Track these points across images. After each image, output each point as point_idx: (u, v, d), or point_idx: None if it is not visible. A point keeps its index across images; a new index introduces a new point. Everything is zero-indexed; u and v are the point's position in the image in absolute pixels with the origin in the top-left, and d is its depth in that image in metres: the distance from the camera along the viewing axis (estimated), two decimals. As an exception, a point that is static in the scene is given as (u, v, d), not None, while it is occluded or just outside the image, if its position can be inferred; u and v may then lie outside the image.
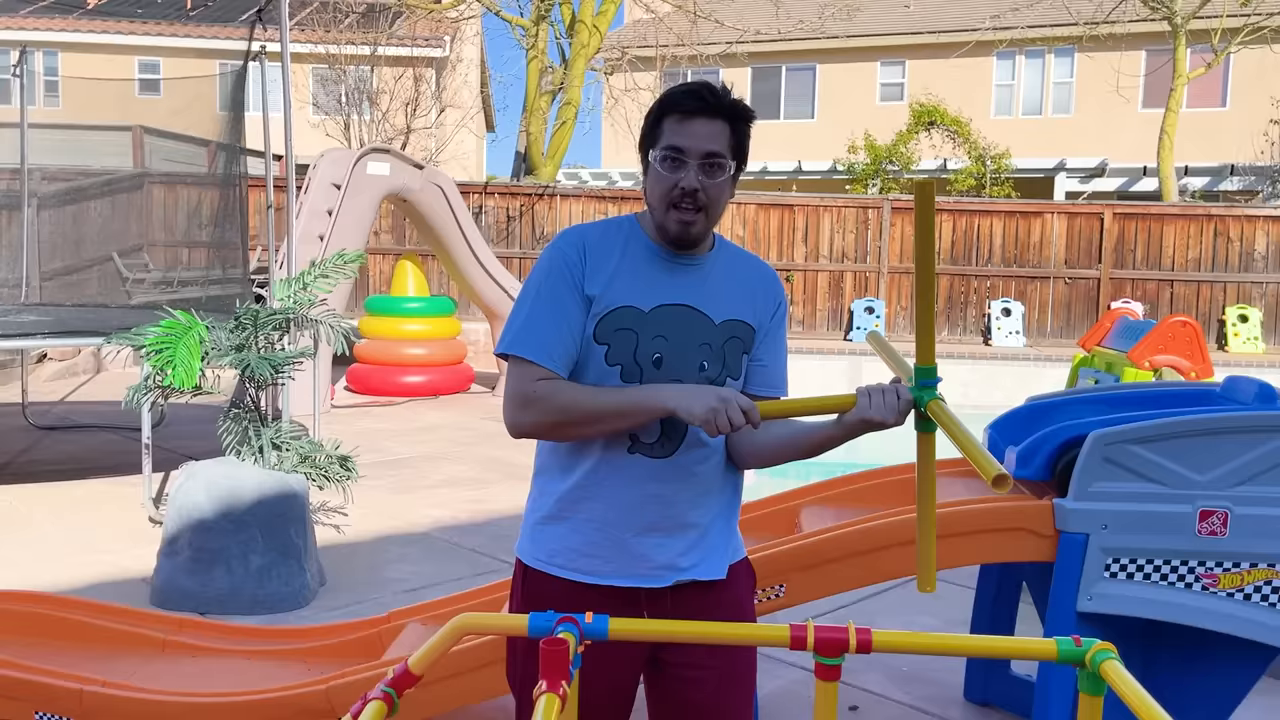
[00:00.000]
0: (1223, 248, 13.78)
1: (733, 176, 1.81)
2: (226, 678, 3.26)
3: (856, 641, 1.69)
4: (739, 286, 1.89)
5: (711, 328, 1.83)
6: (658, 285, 1.82)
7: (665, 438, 1.82)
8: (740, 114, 1.81)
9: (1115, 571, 2.79)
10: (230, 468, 4.27)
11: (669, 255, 1.85)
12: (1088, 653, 1.66)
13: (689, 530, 1.87)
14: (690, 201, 1.77)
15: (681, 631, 1.72)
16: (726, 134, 1.79)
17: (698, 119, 1.76)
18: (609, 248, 1.84)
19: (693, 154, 1.76)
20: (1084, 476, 2.77)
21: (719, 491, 1.92)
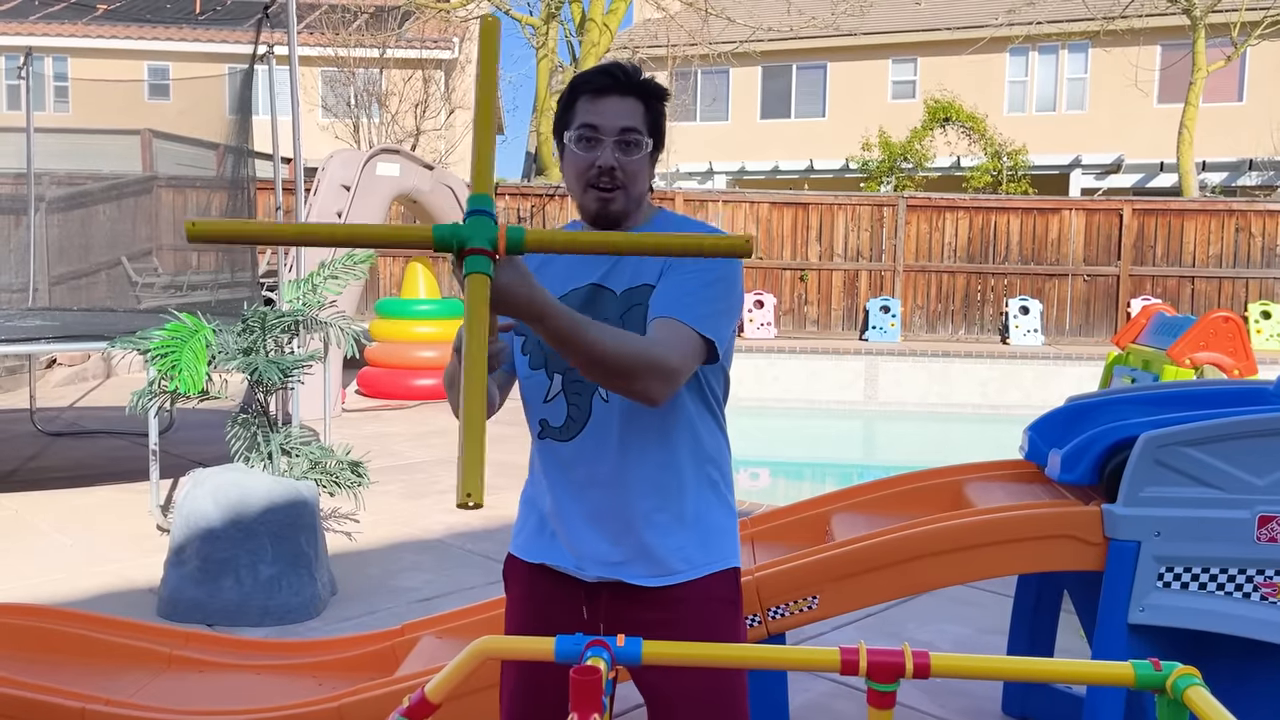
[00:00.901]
0: (1244, 243, 13.57)
1: (651, 155, 1.76)
2: (234, 694, 3.13)
3: (914, 666, 1.55)
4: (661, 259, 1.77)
5: (613, 300, 1.75)
6: (574, 270, 1.79)
7: (570, 420, 1.77)
8: (653, 92, 1.76)
9: (1169, 581, 2.64)
10: (238, 475, 4.14)
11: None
12: (1169, 677, 1.52)
13: (615, 522, 1.76)
14: (608, 179, 1.72)
15: (721, 656, 1.59)
16: (641, 112, 1.74)
17: (610, 96, 1.72)
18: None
19: (607, 131, 1.71)
20: (1135, 480, 2.62)
21: (665, 482, 1.75)
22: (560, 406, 1.77)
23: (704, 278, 1.72)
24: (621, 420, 1.73)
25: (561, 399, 1.77)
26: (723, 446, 1.86)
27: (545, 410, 1.79)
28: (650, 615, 1.76)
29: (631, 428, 1.74)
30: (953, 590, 4.48)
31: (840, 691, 3.48)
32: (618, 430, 1.73)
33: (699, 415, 1.79)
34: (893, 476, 3.34)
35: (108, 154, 12.60)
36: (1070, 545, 2.69)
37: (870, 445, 11.61)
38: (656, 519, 1.77)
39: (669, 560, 1.77)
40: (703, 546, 1.80)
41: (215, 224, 1.30)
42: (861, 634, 3.97)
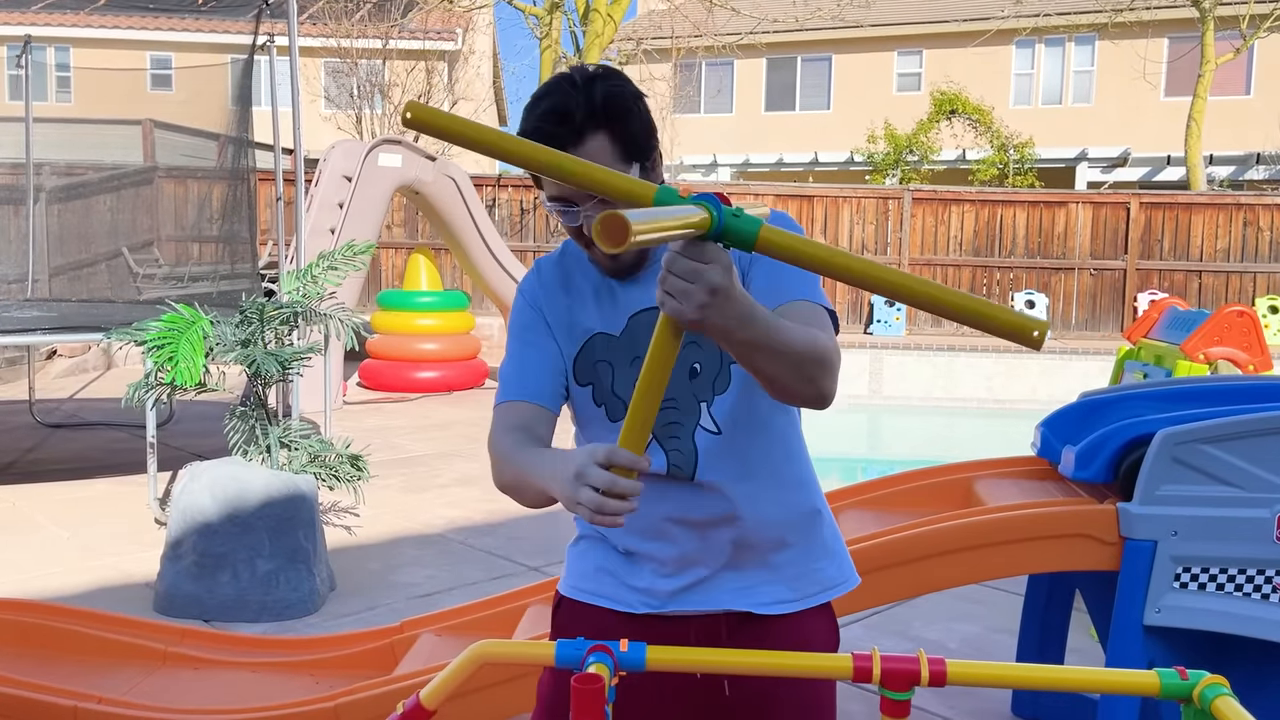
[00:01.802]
0: (1252, 237, 13.47)
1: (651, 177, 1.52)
2: (229, 692, 3.08)
3: (930, 673, 1.48)
4: None
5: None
6: (619, 300, 1.57)
7: (675, 468, 1.57)
8: (614, 114, 1.46)
9: (1185, 582, 2.58)
10: (236, 468, 4.09)
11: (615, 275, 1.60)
12: (1196, 687, 1.46)
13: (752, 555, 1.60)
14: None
15: (729, 662, 1.52)
16: (607, 147, 1.45)
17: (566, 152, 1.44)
18: (559, 276, 1.62)
19: (580, 197, 1.46)
20: (1151, 479, 2.56)
21: (775, 503, 1.61)
22: (657, 455, 1.56)
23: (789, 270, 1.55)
24: (735, 444, 1.56)
25: (655, 447, 1.56)
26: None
27: None
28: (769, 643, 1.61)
29: (743, 448, 1.57)
30: (960, 588, 4.42)
31: (849, 692, 3.42)
32: (733, 455, 1.57)
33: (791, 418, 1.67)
34: (902, 473, 3.28)
35: (109, 145, 12.54)
36: (1085, 545, 2.63)
37: (875, 439, 11.54)
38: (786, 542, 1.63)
39: (788, 584, 1.64)
40: (819, 567, 1.67)
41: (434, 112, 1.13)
42: (867, 633, 3.91)
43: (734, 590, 1.61)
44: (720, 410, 1.56)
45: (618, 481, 1.22)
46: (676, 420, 1.55)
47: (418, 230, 13.55)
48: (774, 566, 1.62)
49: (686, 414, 1.55)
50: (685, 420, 1.55)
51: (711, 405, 1.56)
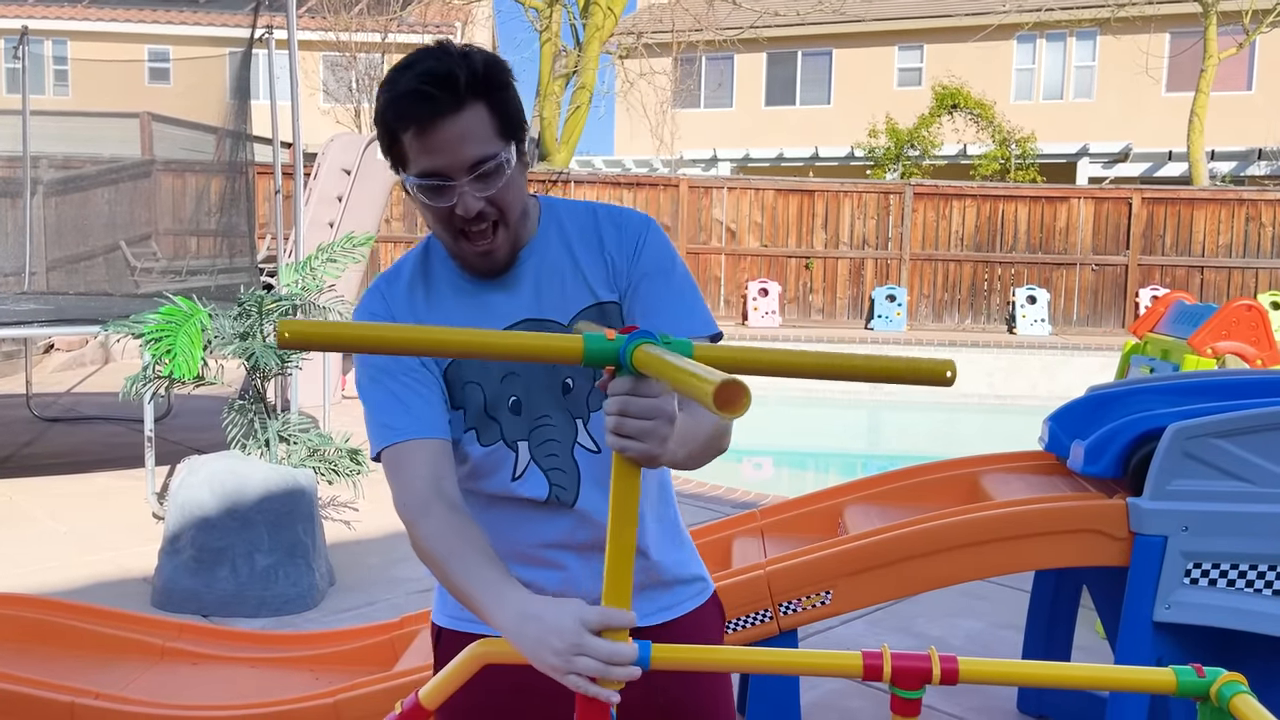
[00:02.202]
0: (1255, 233, 13.42)
1: (520, 163, 1.40)
2: (228, 687, 3.05)
3: (941, 671, 1.45)
4: (578, 264, 1.48)
5: (561, 332, 1.45)
6: (484, 313, 1.45)
7: (558, 488, 1.48)
8: (493, 83, 1.35)
9: (1196, 578, 2.54)
10: (234, 462, 4.05)
11: (483, 278, 1.47)
12: (1214, 684, 1.43)
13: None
14: (478, 222, 1.37)
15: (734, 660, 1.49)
16: (485, 118, 1.34)
17: (441, 123, 1.32)
18: (413, 292, 1.48)
19: (455, 170, 1.34)
20: (1162, 473, 2.52)
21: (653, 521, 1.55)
22: (536, 479, 1.46)
23: (679, 273, 1.49)
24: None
25: (535, 470, 1.46)
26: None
27: (516, 488, 1.46)
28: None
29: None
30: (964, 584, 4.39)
31: (852, 689, 3.39)
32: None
33: None
34: (907, 468, 3.24)
35: (107, 138, 12.48)
36: (1094, 540, 2.59)
37: (875, 435, 11.51)
38: (670, 556, 1.58)
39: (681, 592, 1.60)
40: (686, 565, 1.62)
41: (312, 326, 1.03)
42: (871, 629, 3.88)
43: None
44: (597, 427, 1.47)
45: (620, 650, 1.15)
46: (554, 438, 1.46)
47: (416, 224, 13.51)
48: (653, 578, 1.56)
49: (564, 432, 1.47)
50: (563, 439, 1.47)
51: (588, 422, 1.47)
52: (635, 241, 1.49)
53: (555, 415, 1.46)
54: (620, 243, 1.49)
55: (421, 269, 1.50)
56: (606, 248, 1.49)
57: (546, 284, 1.46)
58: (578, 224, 1.50)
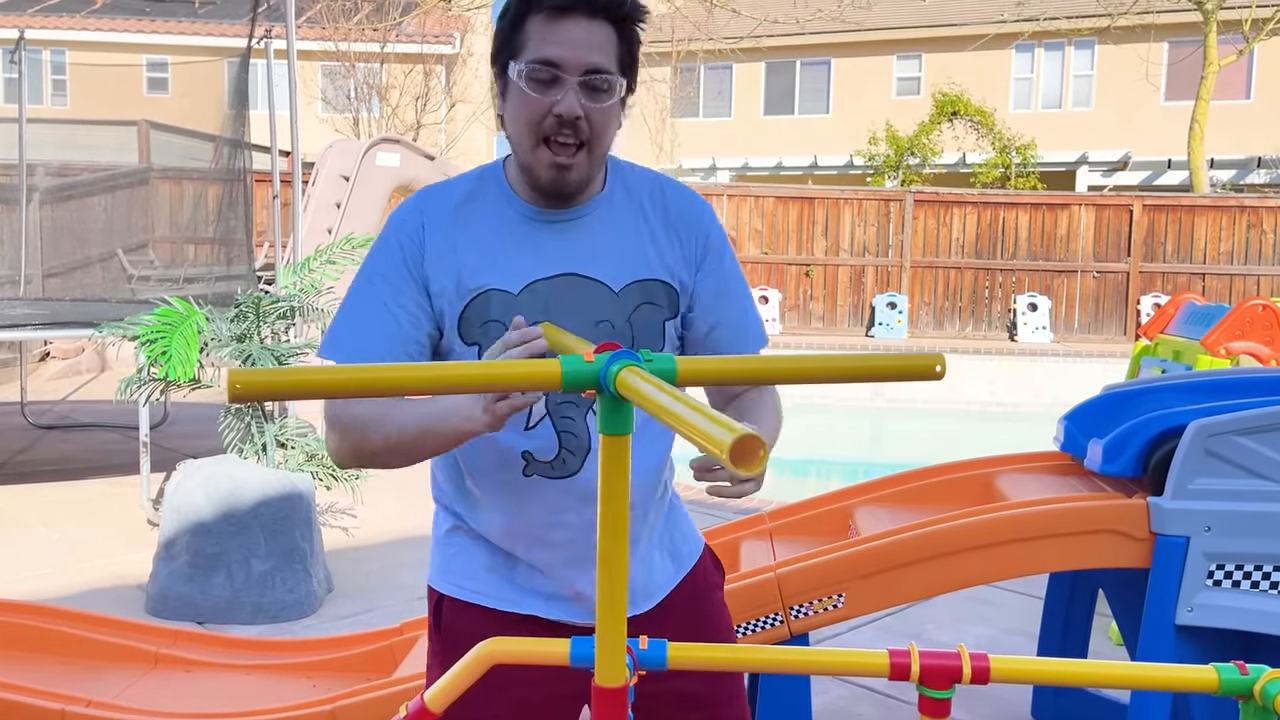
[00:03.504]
0: (1256, 239, 13.39)
1: (622, 100, 1.38)
2: (223, 695, 2.97)
3: (972, 670, 1.39)
4: (645, 234, 1.43)
5: (609, 299, 1.40)
6: (529, 253, 1.39)
7: (566, 451, 1.43)
8: (629, 12, 1.35)
9: (1219, 579, 2.47)
10: (231, 466, 3.98)
11: (542, 212, 1.41)
12: (1258, 682, 1.37)
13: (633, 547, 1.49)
14: (570, 133, 1.33)
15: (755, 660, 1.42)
16: (613, 41, 1.34)
17: (574, 18, 1.31)
18: (458, 212, 1.42)
19: (571, 68, 1.31)
20: (1184, 472, 2.46)
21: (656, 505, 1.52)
22: (547, 435, 1.41)
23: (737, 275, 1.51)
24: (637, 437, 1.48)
25: (548, 425, 1.41)
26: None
27: (525, 441, 1.41)
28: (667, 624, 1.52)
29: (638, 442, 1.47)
30: (973, 589, 4.32)
31: (860, 695, 3.31)
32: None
33: None
34: (919, 469, 3.18)
35: (104, 145, 12.44)
36: (1114, 541, 2.52)
37: (877, 443, 11.45)
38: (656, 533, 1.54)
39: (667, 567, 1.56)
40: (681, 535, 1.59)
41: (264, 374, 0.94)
42: (880, 635, 3.80)
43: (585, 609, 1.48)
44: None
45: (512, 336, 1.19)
46: (571, 400, 1.42)
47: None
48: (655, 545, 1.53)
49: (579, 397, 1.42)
50: (580, 402, 1.42)
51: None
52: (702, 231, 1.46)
53: None
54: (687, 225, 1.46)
55: (471, 193, 1.44)
56: (670, 224, 1.45)
57: (607, 244, 1.41)
58: (647, 189, 1.46)
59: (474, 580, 1.49)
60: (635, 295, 1.41)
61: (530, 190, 1.40)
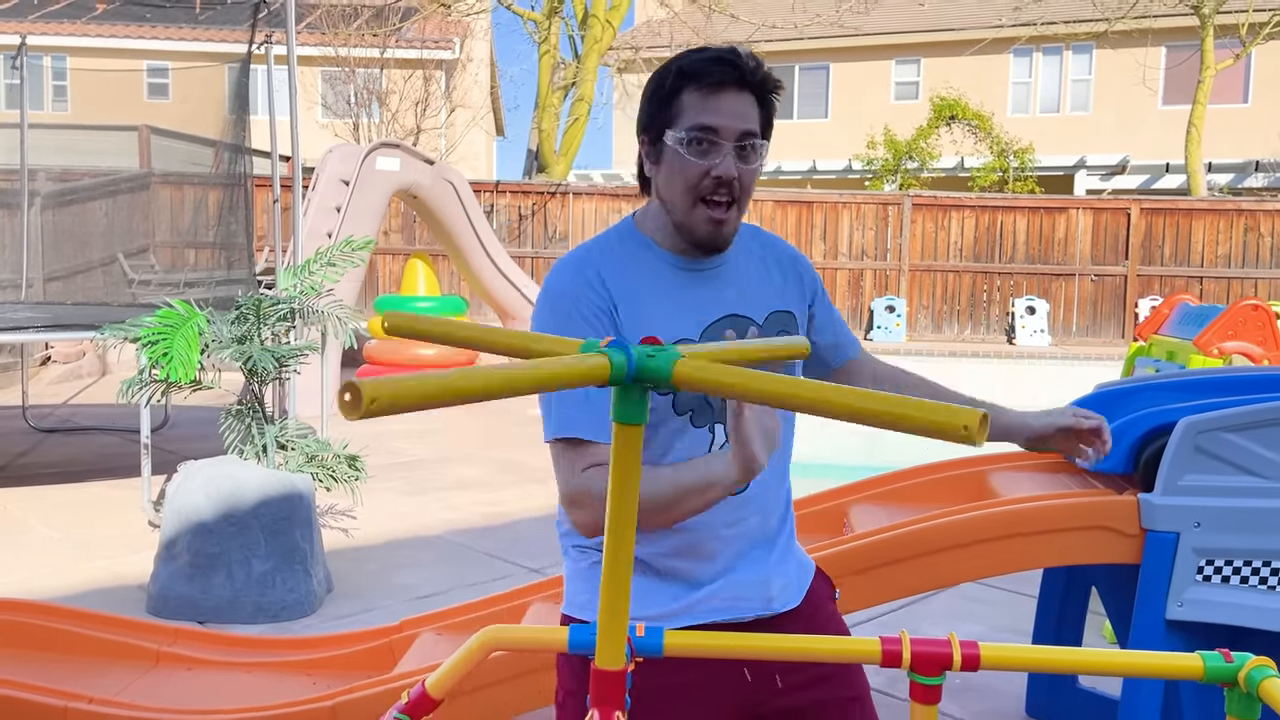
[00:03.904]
0: (1253, 243, 13.43)
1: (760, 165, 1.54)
2: (223, 692, 3.00)
3: (962, 657, 1.42)
4: (769, 273, 1.64)
5: (758, 329, 1.59)
6: (695, 302, 1.53)
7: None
8: (771, 86, 1.51)
9: (1209, 574, 2.50)
10: (232, 467, 4.01)
11: (693, 265, 1.55)
12: (1242, 669, 1.40)
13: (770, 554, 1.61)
14: (726, 193, 1.47)
15: (753, 647, 1.45)
16: (757, 110, 1.49)
17: (728, 92, 1.45)
18: (627, 269, 1.51)
19: (727, 134, 1.45)
20: (1174, 468, 2.49)
21: (786, 503, 1.67)
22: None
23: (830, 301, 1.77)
24: (780, 452, 1.62)
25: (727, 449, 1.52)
26: None
27: None
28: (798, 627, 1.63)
29: (782, 456, 1.64)
30: (965, 588, 4.34)
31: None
32: (778, 461, 1.62)
33: None
34: (913, 468, 3.21)
35: (105, 150, 12.48)
36: (1104, 537, 2.55)
37: (874, 445, 11.46)
38: (788, 537, 1.68)
39: (800, 575, 1.68)
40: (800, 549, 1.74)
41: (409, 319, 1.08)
42: (874, 630, 3.83)
43: (759, 600, 1.59)
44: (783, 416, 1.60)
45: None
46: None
47: (415, 236, 13.50)
48: (784, 569, 1.63)
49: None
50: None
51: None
52: (812, 276, 1.72)
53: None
54: (799, 272, 1.69)
55: (631, 245, 1.55)
56: (787, 270, 1.67)
57: (747, 286, 1.59)
58: (757, 240, 1.67)
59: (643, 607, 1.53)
60: (774, 325, 1.61)
61: (680, 244, 1.54)
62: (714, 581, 1.55)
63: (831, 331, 1.74)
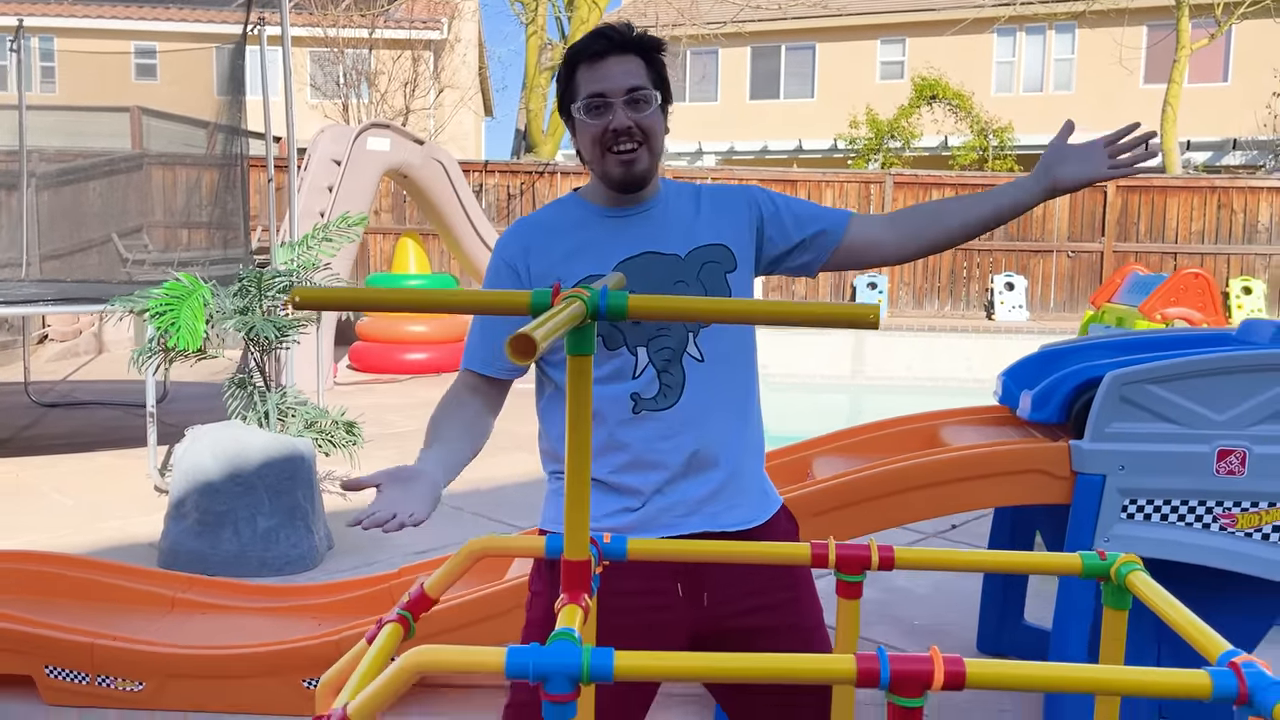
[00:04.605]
0: (1226, 219, 13.72)
1: (661, 108, 1.76)
2: (236, 633, 3.24)
3: (879, 558, 1.66)
4: (700, 212, 1.83)
5: (679, 263, 1.78)
6: (612, 244, 1.78)
7: (665, 387, 1.77)
8: (651, 45, 1.76)
9: (1132, 513, 2.77)
10: (237, 430, 4.24)
11: (617, 211, 1.80)
12: (1113, 565, 1.64)
13: (715, 473, 1.80)
14: (626, 139, 1.72)
15: (706, 551, 1.69)
16: (643, 68, 1.74)
17: (611, 58, 1.72)
18: (555, 228, 1.81)
19: (615, 94, 1.71)
20: (1101, 417, 2.75)
21: (740, 431, 1.84)
22: (650, 379, 1.76)
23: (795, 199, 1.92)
24: (718, 372, 1.79)
25: (650, 371, 1.76)
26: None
27: (634, 386, 1.76)
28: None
29: (721, 378, 1.79)
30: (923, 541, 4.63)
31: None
32: (718, 382, 1.79)
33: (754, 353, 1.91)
34: (873, 422, 3.47)
35: (97, 132, 12.60)
36: (1039, 480, 2.81)
37: (855, 418, 11.74)
38: (748, 460, 1.84)
39: (761, 497, 1.86)
40: (767, 478, 1.91)
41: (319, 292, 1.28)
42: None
43: (705, 515, 1.80)
44: (706, 340, 1.78)
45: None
46: (668, 346, 1.76)
47: (405, 216, 13.68)
48: (737, 490, 1.82)
49: (677, 342, 1.76)
50: (675, 347, 1.76)
51: (698, 336, 1.78)
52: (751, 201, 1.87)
53: (673, 325, 1.77)
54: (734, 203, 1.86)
55: (566, 208, 1.84)
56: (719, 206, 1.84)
57: (670, 226, 1.80)
58: (691, 189, 1.89)
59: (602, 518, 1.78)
60: (699, 258, 1.79)
61: (605, 194, 1.80)
62: (658, 494, 1.77)
63: (811, 223, 1.87)
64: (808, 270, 1.91)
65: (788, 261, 1.89)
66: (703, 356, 1.78)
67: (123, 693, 2.96)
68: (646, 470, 1.78)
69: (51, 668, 2.96)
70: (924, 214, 1.93)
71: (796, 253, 1.88)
